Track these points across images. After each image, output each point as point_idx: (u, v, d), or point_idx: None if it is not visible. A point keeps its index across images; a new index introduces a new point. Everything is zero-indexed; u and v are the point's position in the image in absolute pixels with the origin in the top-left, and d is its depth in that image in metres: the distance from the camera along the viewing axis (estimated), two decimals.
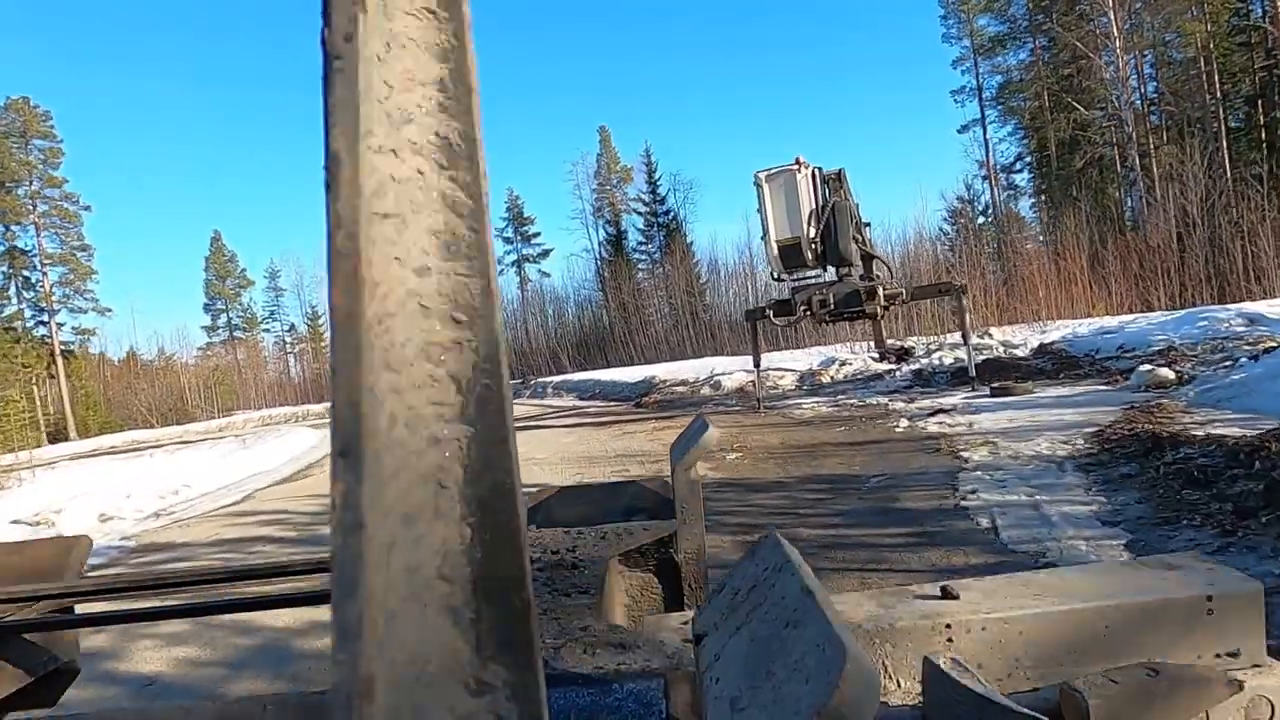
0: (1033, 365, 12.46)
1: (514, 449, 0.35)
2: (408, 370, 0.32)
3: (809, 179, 11.39)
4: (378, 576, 0.29)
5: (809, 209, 11.26)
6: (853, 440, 7.94)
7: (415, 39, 0.34)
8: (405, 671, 0.29)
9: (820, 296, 11.16)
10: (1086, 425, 6.70)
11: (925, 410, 9.32)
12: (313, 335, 60.60)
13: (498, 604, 0.33)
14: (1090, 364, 11.57)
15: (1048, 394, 9.30)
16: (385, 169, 0.33)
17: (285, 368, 62.39)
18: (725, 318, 34.25)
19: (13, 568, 1.54)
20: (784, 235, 11.34)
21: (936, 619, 0.95)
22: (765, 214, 11.49)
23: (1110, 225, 21.93)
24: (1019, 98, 34.44)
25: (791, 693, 0.47)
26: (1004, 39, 34.77)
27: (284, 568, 1.49)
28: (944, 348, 15.16)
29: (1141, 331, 12.97)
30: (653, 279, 42.05)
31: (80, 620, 1.49)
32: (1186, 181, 21.34)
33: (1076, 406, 8.01)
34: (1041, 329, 15.84)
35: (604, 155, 46.84)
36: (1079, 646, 0.93)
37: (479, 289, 0.35)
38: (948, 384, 12.19)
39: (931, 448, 6.86)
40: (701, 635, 0.72)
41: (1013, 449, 6.25)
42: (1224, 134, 26.65)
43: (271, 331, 64.00)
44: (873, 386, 13.39)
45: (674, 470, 1.51)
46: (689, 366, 20.07)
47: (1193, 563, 1.05)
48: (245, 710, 1.06)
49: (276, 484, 10.61)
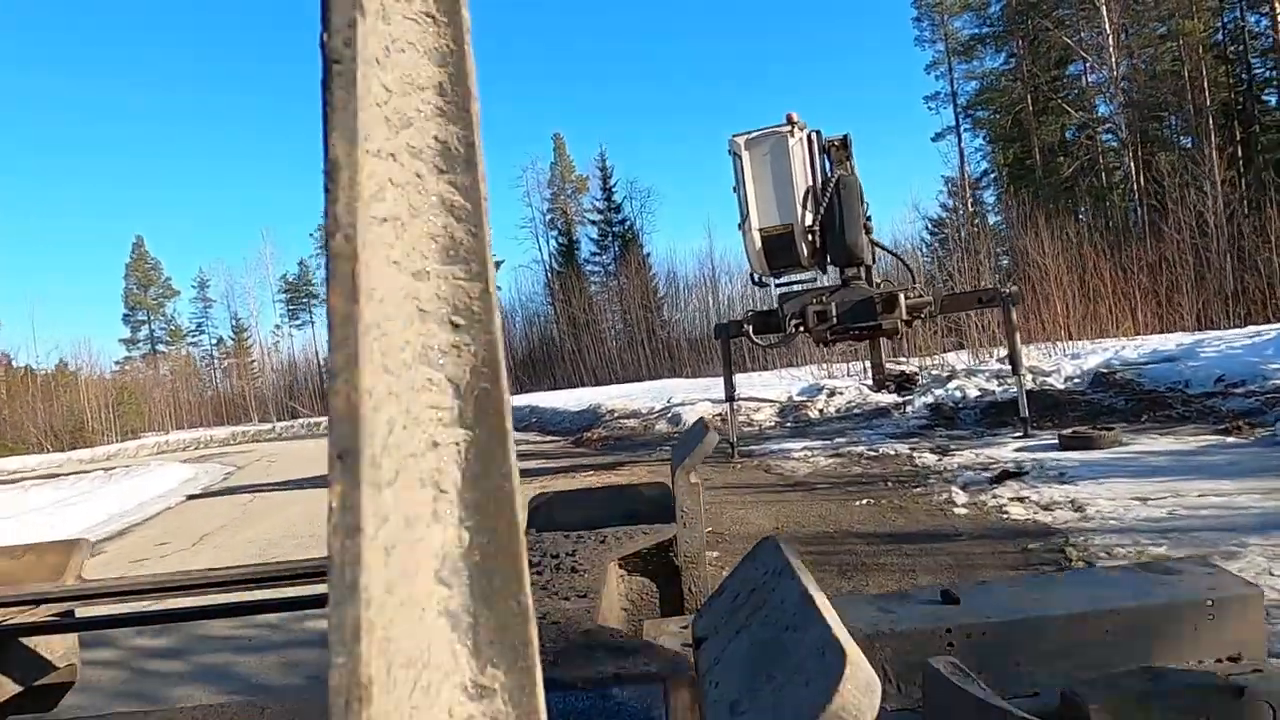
0: (1095, 402, 9.61)
1: (513, 452, 0.35)
2: (406, 374, 0.32)
3: (804, 146, 8.51)
4: (375, 580, 0.29)
5: (804, 187, 8.39)
6: (891, 530, 5.14)
7: (414, 43, 0.34)
8: (403, 675, 0.29)
9: (819, 307, 8.20)
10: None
11: (977, 470, 6.71)
12: (239, 349, 57.51)
13: (496, 607, 0.33)
14: (1182, 402, 8.76)
15: (1152, 449, 6.77)
16: (384, 173, 0.33)
17: (213, 384, 58.50)
18: (684, 334, 32.26)
19: (13, 571, 1.54)
20: (770, 222, 8.38)
21: (937, 623, 0.95)
22: (744, 193, 8.43)
23: (1116, 237, 20.33)
24: (989, 110, 33.04)
25: (792, 696, 0.47)
26: (983, 39, 33.33)
27: (282, 572, 1.49)
28: (959, 375, 12.09)
29: (1227, 358, 9.80)
30: (606, 292, 39.85)
31: (80, 624, 1.49)
32: (1204, 187, 19.90)
33: (1227, 475, 5.33)
34: (1071, 352, 12.94)
35: (558, 164, 45.37)
36: (1080, 651, 0.93)
37: (477, 293, 0.35)
38: (982, 425, 9.53)
39: (1046, 556, 4.20)
40: (701, 639, 0.72)
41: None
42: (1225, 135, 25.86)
43: (199, 345, 60.47)
44: (878, 426, 10.57)
45: (674, 474, 1.51)
46: (643, 392, 17.18)
47: (1194, 567, 1.05)
48: (245, 713, 1.06)
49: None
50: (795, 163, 8.39)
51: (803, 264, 8.69)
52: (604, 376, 30.75)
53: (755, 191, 8.43)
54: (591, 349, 34.85)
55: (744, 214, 8.56)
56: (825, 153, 8.91)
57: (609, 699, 0.86)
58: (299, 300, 58.13)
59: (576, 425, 14.62)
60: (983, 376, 11.61)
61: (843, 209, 8.39)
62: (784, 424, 12.07)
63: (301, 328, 58.28)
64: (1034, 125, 30.62)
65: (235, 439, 35.66)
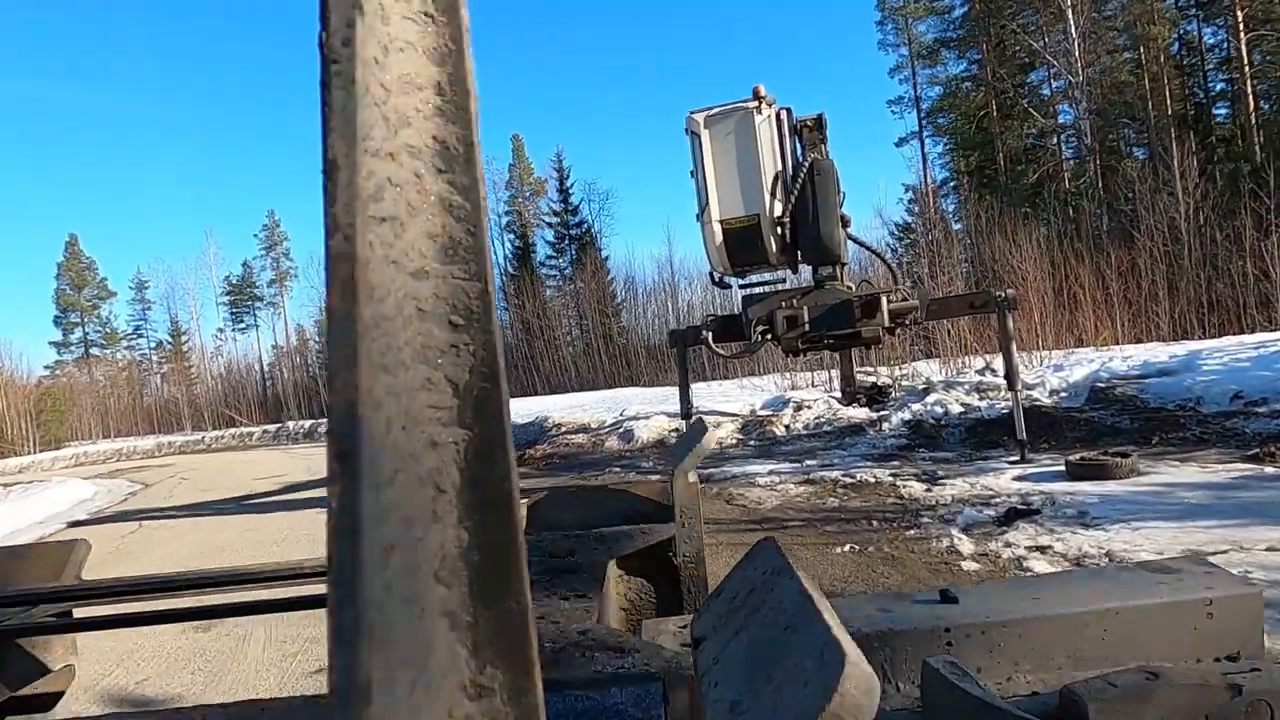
0: (1096, 421, 8.63)
1: (512, 452, 0.35)
2: (405, 373, 0.32)
3: (773, 125, 7.45)
4: (375, 580, 0.29)
5: (773, 172, 7.34)
6: (885, 586, 4.43)
7: (413, 43, 0.34)
8: (402, 675, 0.29)
9: (789, 311, 7.23)
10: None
11: (977, 506, 5.79)
12: (176, 354, 54.71)
13: (495, 607, 0.33)
14: (1198, 422, 7.86)
15: (1178, 480, 5.91)
16: (383, 172, 0.33)
17: (151, 390, 55.33)
18: (642, 340, 31.09)
19: (12, 571, 1.54)
20: (733, 213, 7.34)
21: (936, 623, 0.95)
22: (704, 178, 7.37)
23: (1086, 244, 19.55)
24: (950, 116, 32.54)
25: (791, 697, 0.47)
26: (947, 44, 32.87)
27: (282, 571, 1.49)
28: (936, 387, 10.94)
29: (1236, 371, 8.89)
30: (562, 296, 38.62)
31: (78, 624, 1.49)
32: (1176, 192, 19.45)
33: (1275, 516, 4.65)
34: (1054, 363, 12.03)
35: (517, 166, 44.59)
36: (1078, 650, 0.93)
37: (476, 292, 0.35)
38: (968, 447, 8.58)
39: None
40: (700, 639, 0.72)
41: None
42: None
43: (136, 349, 57.50)
44: (852, 446, 9.49)
45: (673, 474, 1.51)
46: (596, 402, 16.08)
47: (1192, 566, 1.05)
48: (244, 713, 1.06)
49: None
50: (762, 144, 7.30)
51: (770, 261, 7.57)
52: (559, 384, 29.62)
53: (716, 177, 7.35)
54: (546, 355, 33.57)
55: (703, 203, 7.42)
56: (796, 134, 7.74)
57: (608, 699, 0.86)
58: (243, 303, 55.98)
59: (520, 441, 13.32)
60: (962, 389, 10.60)
61: (817, 198, 7.30)
62: (746, 442, 10.77)
63: (245, 331, 56.23)
64: (998, 130, 30.25)
65: (160, 450, 33.09)
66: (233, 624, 4.71)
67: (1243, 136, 25.04)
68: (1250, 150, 23.62)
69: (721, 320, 8.26)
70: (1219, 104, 27.95)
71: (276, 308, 54.83)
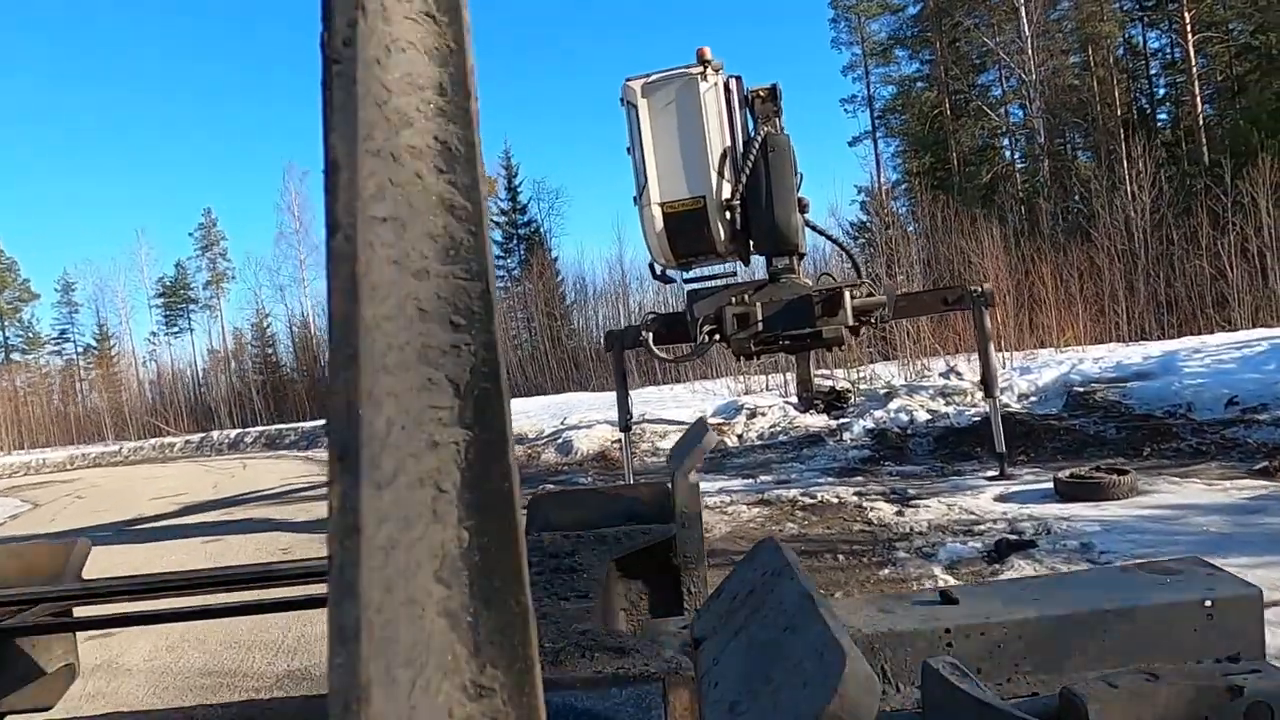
0: (1078, 429, 7.94)
1: (513, 452, 0.35)
2: (405, 373, 0.32)
3: (721, 94, 6.44)
4: (375, 580, 0.29)
5: (721, 148, 6.38)
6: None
7: (414, 43, 0.34)
8: (403, 675, 0.29)
9: (740, 309, 6.34)
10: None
11: (959, 535, 5.21)
12: (102, 359, 51.10)
13: (496, 607, 0.33)
14: (1192, 431, 7.25)
15: (1185, 501, 5.32)
16: (384, 173, 0.33)
17: (78, 398, 51.17)
18: (593, 344, 29.51)
19: (12, 570, 1.54)
20: (675, 195, 6.34)
21: (936, 623, 0.95)
22: (641, 155, 6.41)
23: (1042, 242, 18.98)
24: (902, 118, 32.20)
25: (791, 698, 0.47)
26: (901, 42, 32.45)
27: (282, 572, 1.49)
28: (899, 393, 10.10)
29: (1222, 374, 8.23)
30: (510, 298, 37.08)
31: (78, 624, 1.49)
32: (1132, 191, 19.05)
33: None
34: (1020, 365, 11.40)
35: None
36: (1079, 651, 0.93)
37: (477, 293, 0.35)
38: (938, 459, 7.88)
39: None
40: (700, 640, 0.72)
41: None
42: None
43: (62, 354, 53.77)
44: (812, 459, 8.67)
45: (673, 474, 1.51)
46: (540, 409, 15.03)
47: (1192, 567, 1.05)
48: (244, 713, 1.06)
49: None
50: (709, 115, 6.32)
51: (718, 251, 6.58)
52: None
53: (656, 153, 6.35)
54: None
55: (641, 183, 6.41)
56: (748, 106, 6.79)
57: (608, 699, 0.86)
58: (176, 306, 52.86)
59: None
60: (927, 394, 9.90)
61: (770, 178, 6.32)
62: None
63: (179, 336, 52.88)
64: (951, 129, 30.04)
65: (72, 463, 31.08)
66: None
67: (1189, 138, 25.10)
68: (1198, 152, 23.64)
69: (664, 319, 7.20)
70: (1161, 107, 28.23)
71: (213, 311, 51.57)
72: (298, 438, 22.59)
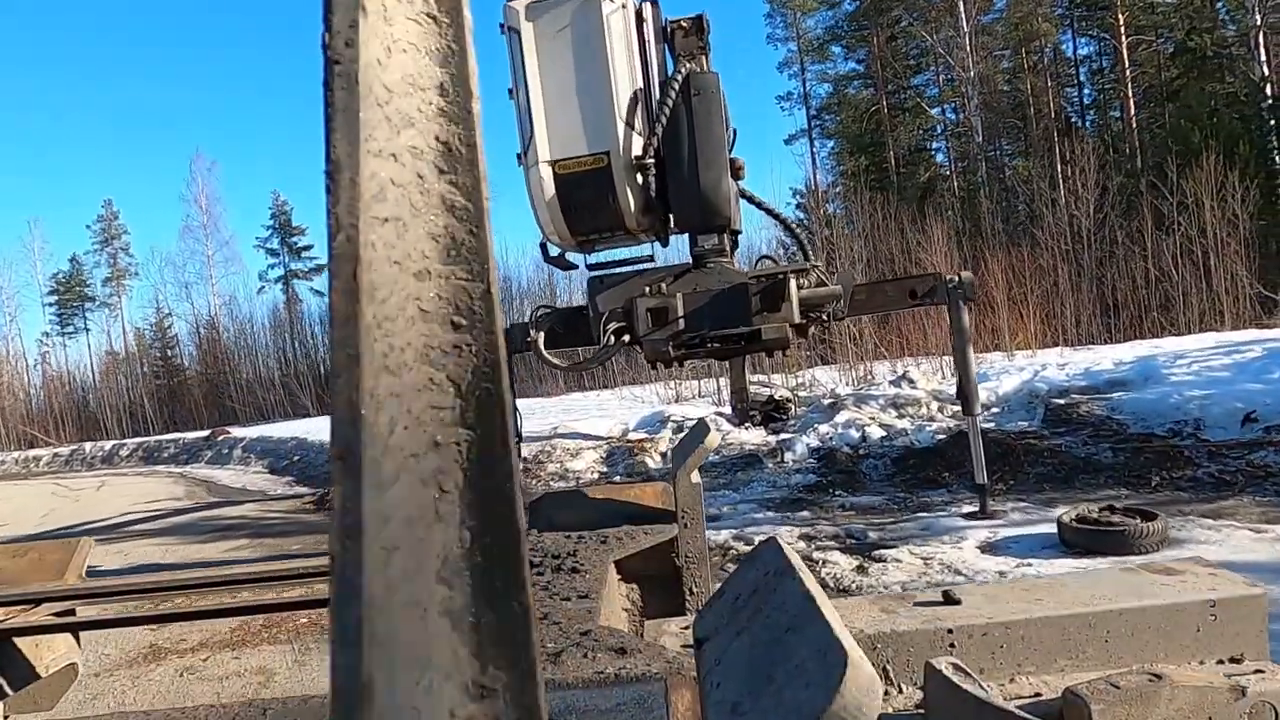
0: (1063, 450, 6.69)
1: (514, 453, 0.35)
2: (407, 374, 0.32)
3: (631, 22, 4.81)
4: (377, 580, 0.29)
5: (630, 89, 4.79)
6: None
7: (416, 44, 0.34)
8: (405, 675, 0.29)
9: (656, 301, 4.88)
10: None
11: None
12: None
13: (498, 608, 0.33)
14: (1206, 454, 6.06)
15: (1236, 556, 4.10)
16: (385, 173, 0.33)
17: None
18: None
19: (14, 571, 1.55)
20: (571, 151, 4.75)
21: (938, 624, 0.95)
22: (526, 99, 4.75)
23: (983, 241, 18.41)
24: (837, 118, 31.59)
25: (793, 697, 0.47)
26: (837, 38, 31.87)
27: (283, 573, 1.49)
28: (846, 404, 8.63)
29: (1216, 381, 7.23)
30: None
31: (81, 624, 1.49)
32: (1075, 189, 18.53)
33: None
34: (976, 372, 8.45)
35: None
36: (1081, 651, 0.93)
37: (479, 293, 0.35)
38: (898, 486, 6.67)
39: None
40: (702, 640, 0.72)
41: None
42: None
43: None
44: (748, 485, 7.33)
45: (675, 475, 1.51)
46: None
47: (1196, 569, 1.05)
48: (246, 714, 1.06)
49: None
50: (614, 48, 4.71)
51: (627, 226, 4.92)
52: None
53: (545, 96, 4.75)
54: None
55: (526, 136, 4.78)
56: (666, 40, 5.07)
57: (610, 699, 0.86)
58: (72, 304, 48.26)
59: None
60: (877, 405, 8.61)
61: (695, 130, 4.76)
62: (611, 478, 7.92)
63: (74, 336, 47.78)
64: (889, 128, 29.64)
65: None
66: None
67: (1121, 139, 25.21)
68: (1134, 154, 23.72)
69: (560, 315, 5.52)
70: (1088, 113, 28.41)
71: (112, 309, 46.95)
72: (177, 450, 19.73)
